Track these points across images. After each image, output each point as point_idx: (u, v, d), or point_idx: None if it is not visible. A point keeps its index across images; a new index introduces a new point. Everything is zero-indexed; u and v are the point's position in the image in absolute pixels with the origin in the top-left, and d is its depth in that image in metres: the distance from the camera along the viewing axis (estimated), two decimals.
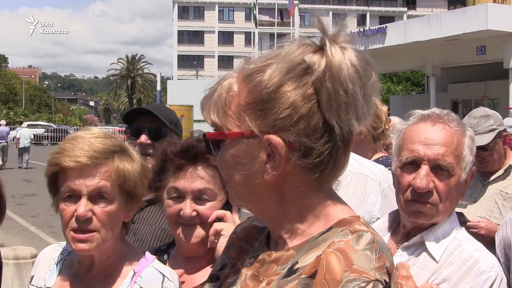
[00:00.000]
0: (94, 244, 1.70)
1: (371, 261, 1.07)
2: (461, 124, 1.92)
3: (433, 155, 1.82)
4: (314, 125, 1.14)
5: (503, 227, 2.37)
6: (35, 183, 21.05)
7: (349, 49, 1.15)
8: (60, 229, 1.79)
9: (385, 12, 78.05)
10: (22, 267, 6.29)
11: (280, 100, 1.14)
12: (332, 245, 1.11)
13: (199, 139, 1.99)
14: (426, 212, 1.83)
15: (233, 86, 1.21)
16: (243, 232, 1.44)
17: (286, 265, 1.18)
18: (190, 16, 77.98)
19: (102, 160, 1.71)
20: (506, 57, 26.76)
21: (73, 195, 1.71)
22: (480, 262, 1.76)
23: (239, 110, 1.18)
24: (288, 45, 1.19)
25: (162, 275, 1.75)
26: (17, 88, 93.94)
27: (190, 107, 27.19)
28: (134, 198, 1.80)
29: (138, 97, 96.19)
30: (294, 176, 1.18)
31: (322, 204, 1.21)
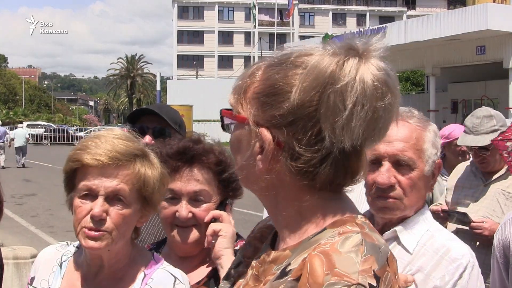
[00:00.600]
0: (104, 243, 1.68)
1: (354, 264, 1.04)
2: (423, 120, 1.96)
3: (392, 151, 1.87)
4: (307, 131, 1.11)
5: (502, 227, 2.37)
6: (35, 183, 21.05)
7: (371, 64, 1.10)
8: (60, 229, 1.79)
9: (384, 12, 78.07)
10: (21, 267, 6.29)
11: (281, 98, 1.13)
12: (318, 247, 1.08)
13: (195, 141, 1.99)
14: (391, 206, 1.88)
15: (256, 72, 1.21)
16: (258, 232, 1.44)
17: (281, 265, 1.16)
18: (190, 16, 77.99)
19: (123, 162, 1.69)
20: (505, 57, 26.77)
21: (90, 194, 1.70)
22: (452, 251, 1.81)
23: (250, 97, 1.18)
24: (316, 50, 1.15)
25: (174, 277, 1.74)
26: (17, 88, 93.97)
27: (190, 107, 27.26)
28: (150, 204, 1.78)
29: (138, 97, 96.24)
30: (284, 176, 1.17)
31: (319, 204, 1.18)
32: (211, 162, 1.95)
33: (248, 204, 13.65)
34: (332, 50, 1.12)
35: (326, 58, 1.10)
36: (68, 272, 1.82)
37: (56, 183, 19.60)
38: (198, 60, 75.84)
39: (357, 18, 77.40)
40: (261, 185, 1.20)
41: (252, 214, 12.54)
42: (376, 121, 1.11)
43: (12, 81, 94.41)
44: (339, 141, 1.09)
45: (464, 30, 25.93)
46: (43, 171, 25.49)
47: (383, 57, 1.12)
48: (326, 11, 77.82)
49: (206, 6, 77.31)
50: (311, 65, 1.10)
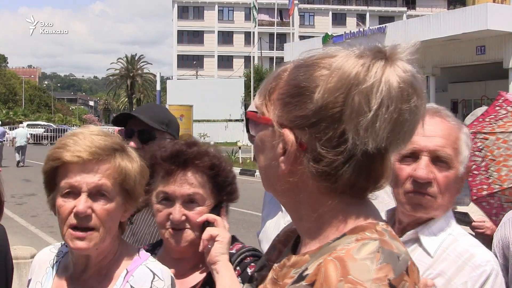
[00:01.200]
0: (93, 243, 1.69)
1: (369, 271, 1.01)
2: (457, 120, 1.93)
3: (432, 146, 1.83)
4: (330, 133, 1.10)
5: (502, 227, 2.37)
6: (34, 183, 21.05)
7: (398, 67, 1.09)
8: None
9: (384, 12, 78.05)
10: (21, 267, 6.29)
11: (305, 99, 1.12)
12: (333, 253, 1.07)
13: (188, 144, 1.99)
14: (425, 204, 1.83)
15: (282, 74, 1.20)
16: (283, 235, 1.43)
17: (299, 269, 1.15)
18: (190, 16, 77.97)
19: (104, 157, 1.70)
20: (505, 57, 26.78)
21: (72, 192, 1.69)
22: (475, 257, 1.76)
23: (275, 97, 1.18)
24: (341, 52, 1.14)
25: (153, 274, 1.74)
26: (17, 88, 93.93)
27: (190, 107, 27.22)
28: (133, 198, 1.79)
29: (138, 97, 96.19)
30: (306, 178, 1.15)
31: (340, 208, 1.16)
32: (205, 166, 1.95)
33: (248, 204, 13.66)
34: (358, 52, 1.11)
35: (351, 60, 1.09)
36: (59, 273, 1.84)
37: None
38: (198, 60, 75.79)
39: (357, 18, 77.37)
40: (282, 187, 1.19)
41: (252, 214, 12.55)
42: (402, 124, 1.09)
43: (12, 81, 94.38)
44: (363, 143, 1.08)
45: (464, 30, 25.93)
46: None
47: (410, 60, 1.11)
48: (326, 11, 77.80)
49: (206, 6, 77.29)
50: (336, 66, 1.09)
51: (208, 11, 77.53)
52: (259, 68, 52.62)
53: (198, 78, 64.10)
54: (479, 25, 25.39)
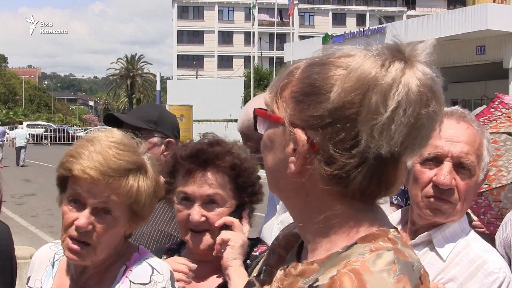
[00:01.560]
0: (87, 258, 1.67)
1: (386, 284, 0.99)
2: (480, 125, 1.89)
3: (457, 153, 1.79)
4: (344, 134, 1.06)
5: (503, 227, 2.37)
6: (34, 183, 21.05)
7: (417, 70, 1.05)
8: (60, 228, 1.78)
9: (384, 12, 78.06)
10: (21, 267, 6.27)
11: (320, 98, 1.08)
12: (348, 265, 1.03)
13: (211, 143, 1.93)
14: (445, 210, 1.81)
15: (295, 71, 1.17)
16: (283, 240, 1.38)
17: (308, 279, 1.10)
18: (190, 16, 77.96)
19: (115, 179, 1.63)
20: (505, 57, 26.77)
21: (78, 201, 1.66)
22: (488, 263, 1.74)
23: (288, 96, 1.14)
24: (358, 52, 1.11)
25: (152, 268, 1.72)
26: (17, 88, 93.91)
27: (190, 107, 27.21)
28: (139, 217, 1.75)
29: (138, 97, 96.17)
30: (316, 181, 1.11)
31: (349, 215, 1.12)
32: (226, 166, 1.88)
33: None
34: (376, 52, 1.08)
35: (370, 60, 1.06)
36: (59, 271, 1.82)
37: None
38: (198, 60, 75.76)
39: (357, 18, 77.38)
40: (289, 188, 1.15)
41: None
42: (419, 129, 1.05)
43: (12, 81, 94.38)
44: (376, 146, 1.04)
45: (464, 30, 25.92)
46: (43, 171, 25.45)
47: (429, 62, 1.08)
48: (326, 11, 77.79)
49: (206, 6, 77.28)
50: (354, 66, 1.06)
51: (208, 11, 77.52)
52: (259, 68, 52.58)
53: (198, 78, 64.06)
54: (479, 25, 25.38)
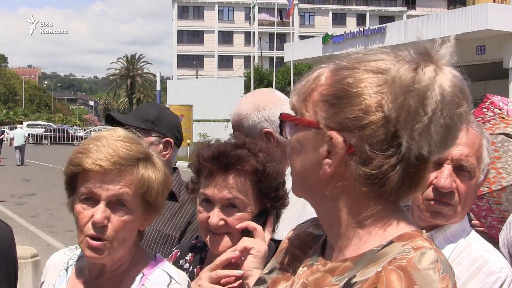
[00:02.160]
0: (106, 253, 1.65)
1: (433, 282, 1.02)
2: (480, 126, 1.88)
3: (457, 155, 1.78)
4: (381, 135, 1.10)
5: (507, 227, 2.36)
6: (35, 183, 21.04)
7: (447, 72, 1.11)
8: (60, 229, 1.78)
9: (384, 12, 78.04)
10: (22, 267, 6.28)
11: (355, 100, 1.12)
12: (393, 262, 1.06)
13: (235, 145, 1.88)
14: (445, 213, 1.80)
15: (322, 75, 1.20)
16: (297, 239, 1.41)
17: (342, 277, 1.14)
18: (190, 15, 77.97)
19: (126, 167, 1.63)
20: (505, 57, 26.77)
21: (91, 198, 1.64)
22: (490, 263, 1.74)
23: (318, 99, 1.18)
24: (387, 56, 1.17)
25: (170, 277, 1.70)
26: (17, 88, 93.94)
27: (190, 106, 27.20)
28: (153, 208, 1.73)
29: (138, 96, 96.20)
30: (351, 182, 1.15)
31: (381, 215, 1.16)
32: (247, 170, 1.83)
33: None
34: (408, 57, 1.14)
35: (405, 65, 1.11)
36: (73, 276, 1.80)
37: (56, 183, 19.58)
38: (198, 60, 75.79)
39: (357, 18, 77.39)
40: (322, 191, 1.18)
41: None
42: (452, 129, 1.11)
43: (12, 81, 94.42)
44: (418, 147, 1.09)
45: (464, 30, 25.90)
46: (43, 171, 25.48)
47: (454, 64, 1.14)
48: (326, 11, 77.80)
49: (206, 6, 77.30)
50: (391, 73, 1.11)
51: (208, 11, 77.54)
52: (259, 68, 52.60)
53: (198, 78, 64.06)
54: (479, 25, 25.39)
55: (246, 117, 2.48)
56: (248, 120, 2.47)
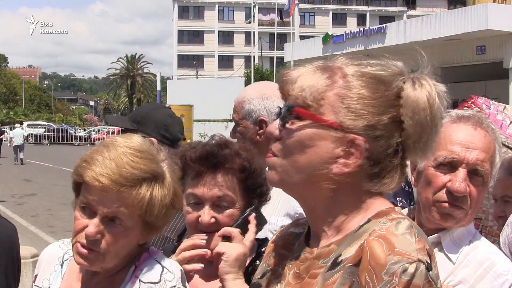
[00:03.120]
0: (96, 265, 1.64)
1: (411, 243, 1.14)
2: (494, 130, 1.88)
3: (473, 160, 1.77)
4: (394, 144, 1.26)
5: (508, 226, 2.36)
6: (35, 183, 21.04)
7: (438, 86, 1.28)
8: (60, 228, 1.79)
9: (385, 12, 78.01)
10: (22, 267, 6.25)
11: (377, 110, 1.24)
12: (373, 233, 1.18)
13: (220, 145, 1.93)
14: (456, 216, 1.79)
15: (336, 76, 1.28)
16: (280, 240, 1.50)
17: (328, 259, 1.25)
18: (190, 15, 77.96)
19: (126, 188, 1.58)
20: (506, 57, 26.75)
21: (88, 208, 1.63)
22: (497, 265, 1.75)
23: (337, 101, 1.25)
24: (394, 67, 1.34)
25: (162, 266, 1.69)
26: (17, 88, 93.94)
27: (190, 106, 27.15)
28: (153, 229, 1.71)
29: (138, 96, 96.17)
30: (357, 179, 1.26)
31: (368, 205, 1.29)
32: (235, 168, 1.90)
33: None
34: (411, 76, 1.31)
35: (417, 89, 1.26)
36: (68, 272, 1.79)
37: (56, 183, 19.57)
38: (198, 60, 75.78)
39: (357, 18, 77.36)
40: (322, 186, 1.27)
41: None
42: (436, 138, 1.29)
43: (13, 81, 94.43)
44: (417, 153, 1.28)
45: (464, 30, 25.89)
46: (43, 171, 25.48)
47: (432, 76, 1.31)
48: (326, 11, 77.78)
49: (206, 6, 77.28)
50: (409, 97, 1.25)
51: (208, 11, 77.52)
52: (260, 68, 52.59)
53: (198, 78, 64.06)
54: (480, 25, 25.36)
55: (249, 101, 2.64)
56: (250, 104, 2.63)
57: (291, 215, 2.47)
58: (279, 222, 2.46)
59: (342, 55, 1.34)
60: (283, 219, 2.46)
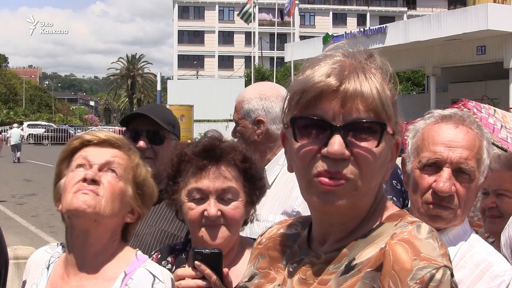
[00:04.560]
0: (94, 202, 1.67)
1: (435, 248, 1.10)
2: (481, 127, 1.87)
3: (456, 158, 1.77)
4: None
5: (510, 227, 2.36)
6: (35, 183, 21.04)
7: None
8: (60, 229, 1.78)
9: (385, 12, 77.97)
10: (22, 267, 6.28)
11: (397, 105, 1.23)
12: (395, 236, 1.13)
13: (218, 139, 1.95)
14: (445, 216, 1.80)
15: (378, 73, 1.22)
16: (269, 242, 1.43)
17: (340, 263, 1.19)
18: (190, 16, 77.93)
19: (120, 145, 1.81)
20: (506, 57, 26.74)
21: (83, 165, 1.76)
22: (494, 266, 1.74)
23: (393, 103, 1.22)
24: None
25: (153, 276, 1.69)
26: (17, 88, 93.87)
27: (190, 107, 27.15)
28: (142, 195, 1.82)
29: (138, 97, 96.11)
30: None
31: (379, 203, 1.26)
32: (237, 159, 1.91)
33: None
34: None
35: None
36: (53, 273, 1.80)
37: None
38: (199, 60, 75.73)
39: (357, 18, 77.34)
40: (372, 190, 1.22)
41: None
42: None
43: (13, 81, 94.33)
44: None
45: (465, 30, 25.89)
46: (43, 171, 25.46)
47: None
48: (326, 11, 77.74)
49: (206, 6, 77.25)
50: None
51: (208, 11, 77.48)
52: (260, 68, 52.59)
53: (198, 78, 64.05)
54: (480, 25, 25.36)
55: (248, 101, 2.68)
56: (249, 104, 2.68)
57: (288, 213, 2.47)
58: (276, 220, 2.46)
59: (374, 52, 1.25)
60: (281, 217, 2.46)
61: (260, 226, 2.41)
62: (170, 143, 2.70)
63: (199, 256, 1.62)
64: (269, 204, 2.39)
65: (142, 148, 2.65)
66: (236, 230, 1.93)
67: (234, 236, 1.91)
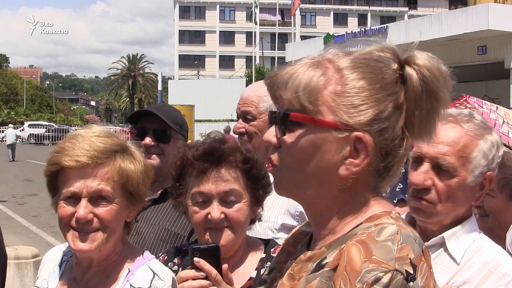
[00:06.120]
0: (95, 244, 1.68)
1: (391, 251, 1.07)
2: (481, 128, 1.85)
3: (434, 153, 1.80)
4: (396, 132, 1.18)
5: None
6: (36, 183, 21.04)
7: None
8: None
9: (386, 12, 77.94)
10: (23, 267, 6.29)
11: (379, 102, 1.16)
12: (355, 237, 1.12)
13: (220, 141, 1.96)
14: (423, 209, 1.82)
15: (328, 74, 1.19)
16: (292, 238, 1.47)
17: (317, 262, 1.20)
18: (191, 16, 77.93)
19: (103, 160, 1.68)
20: (507, 57, 26.72)
21: (73, 197, 1.68)
22: (502, 265, 1.75)
23: (335, 100, 1.16)
24: (375, 50, 1.22)
25: (153, 273, 1.73)
26: (18, 88, 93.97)
27: (191, 106, 27.15)
28: (137, 198, 1.77)
29: (139, 97, 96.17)
30: (363, 176, 1.19)
31: (367, 203, 1.22)
32: (238, 161, 1.92)
33: None
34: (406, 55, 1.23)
35: (424, 58, 1.21)
36: (65, 273, 1.84)
37: None
38: (200, 60, 75.75)
39: (358, 18, 77.31)
40: (327, 186, 1.20)
41: None
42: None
43: (14, 81, 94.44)
44: (423, 138, 1.24)
45: (466, 30, 25.88)
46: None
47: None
48: (327, 11, 77.72)
49: (207, 6, 77.24)
50: (425, 65, 1.19)
51: (209, 11, 77.47)
52: (261, 68, 52.58)
53: (199, 78, 64.05)
54: (481, 25, 25.34)
55: (258, 99, 2.65)
56: (259, 101, 2.64)
57: (292, 213, 2.48)
58: (278, 220, 2.47)
59: (332, 48, 1.24)
60: (283, 217, 2.47)
61: (262, 227, 2.41)
62: (177, 143, 2.72)
63: (197, 253, 1.65)
64: (271, 203, 2.40)
65: (148, 146, 2.70)
66: (241, 232, 1.93)
67: (239, 238, 1.91)
